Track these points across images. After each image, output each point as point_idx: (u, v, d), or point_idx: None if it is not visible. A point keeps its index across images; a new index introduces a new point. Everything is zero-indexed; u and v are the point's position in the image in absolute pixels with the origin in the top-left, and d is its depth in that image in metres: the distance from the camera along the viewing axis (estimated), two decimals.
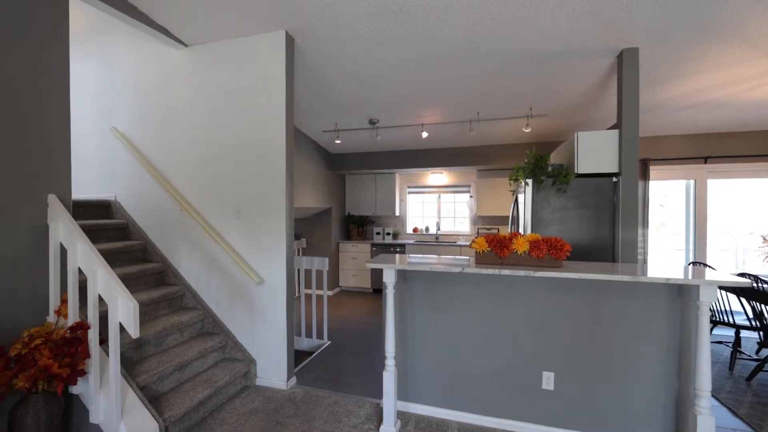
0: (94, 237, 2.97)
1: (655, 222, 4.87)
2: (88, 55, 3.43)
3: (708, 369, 1.86)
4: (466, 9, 2.43)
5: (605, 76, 3.24)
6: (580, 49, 2.86)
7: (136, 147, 3.21)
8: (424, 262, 2.29)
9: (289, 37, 2.80)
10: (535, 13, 2.45)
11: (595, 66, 3.09)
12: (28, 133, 2.00)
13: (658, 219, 4.93)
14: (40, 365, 1.79)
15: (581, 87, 3.45)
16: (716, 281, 1.80)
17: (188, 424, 2.30)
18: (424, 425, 2.36)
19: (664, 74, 3.17)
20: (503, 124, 4.32)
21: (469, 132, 4.13)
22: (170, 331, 2.67)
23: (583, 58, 3.00)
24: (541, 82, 3.38)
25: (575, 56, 2.97)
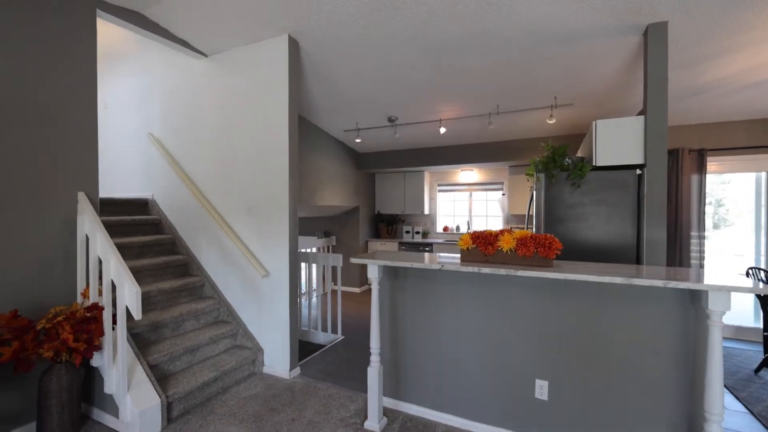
0: (132, 231, 3.37)
1: (715, 221, 4.25)
2: (130, 69, 3.90)
3: (719, 389, 1.62)
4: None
5: (633, 58, 2.92)
6: (599, 29, 2.61)
7: (168, 150, 3.57)
8: (405, 258, 2.27)
9: (293, 41, 2.93)
10: None
11: (619, 47, 2.80)
12: (63, 141, 2.34)
13: (720, 218, 4.29)
14: (62, 338, 2.09)
15: (607, 72, 3.14)
16: (727, 287, 1.55)
17: (192, 402, 2.51)
18: (411, 425, 2.33)
19: (705, 50, 2.77)
20: (529, 116, 4.07)
21: (488, 126, 3.96)
22: (187, 317, 2.94)
23: (604, 39, 2.73)
24: (561, 68, 3.14)
25: (595, 37, 2.71)
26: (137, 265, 3.00)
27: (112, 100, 4.07)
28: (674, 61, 2.93)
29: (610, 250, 2.72)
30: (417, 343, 2.46)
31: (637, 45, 2.78)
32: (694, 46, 2.75)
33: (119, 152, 3.97)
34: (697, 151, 3.91)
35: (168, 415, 2.34)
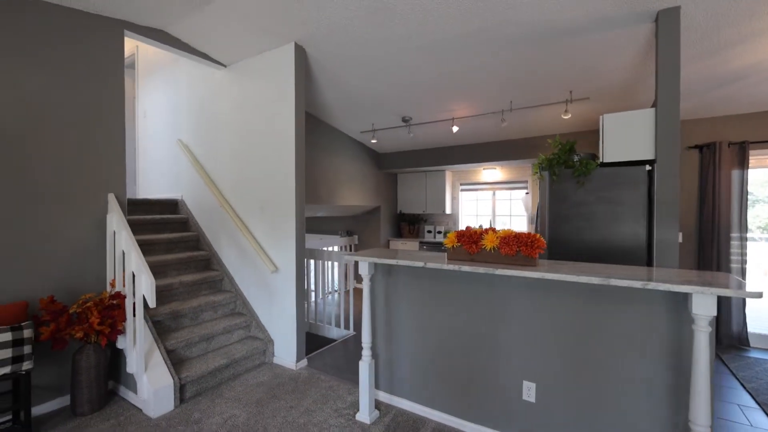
0: (162, 228, 3.72)
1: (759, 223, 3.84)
2: (163, 81, 4.29)
3: (706, 398, 1.53)
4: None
5: (649, 47, 2.75)
6: (610, 18, 2.49)
7: (194, 154, 3.90)
8: (393, 256, 2.33)
9: (299, 48, 3.09)
10: None
11: (632, 36, 2.66)
12: (95, 148, 2.67)
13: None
14: (90, 322, 2.39)
15: (622, 63, 2.98)
16: (712, 290, 1.46)
17: (204, 386, 2.75)
18: (401, 419, 2.39)
19: (732, 35, 2.56)
20: (549, 112, 3.94)
21: (501, 123, 3.88)
22: (205, 308, 3.21)
23: (616, 28, 2.60)
24: (573, 62, 3.03)
25: (606, 27, 2.59)
26: (164, 259, 3.32)
27: (150, 109, 4.51)
28: (697, 48, 2.74)
29: (618, 252, 2.59)
30: (410, 339, 2.51)
31: (651, 33, 2.62)
32: (717, 31, 2.54)
33: (155, 157, 4.40)
34: (737, 144, 3.57)
35: (181, 396, 2.59)
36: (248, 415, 2.43)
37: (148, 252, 3.38)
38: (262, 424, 2.34)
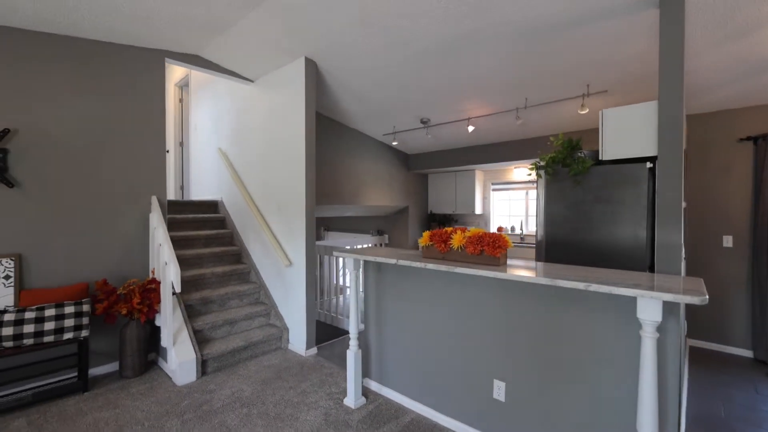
0: (203, 226, 4.29)
1: None
2: (208, 97, 4.90)
3: (651, 404, 1.49)
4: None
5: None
6: (613, 5, 2.38)
7: (230, 161, 4.42)
8: (373, 253, 2.50)
9: (309, 62, 3.39)
10: None
11: (643, 23, 2.50)
12: (141, 158, 3.23)
13: None
14: (132, 302, 2.92)
15: (638, 52, 2.79)
16: (652, 294, 1.42)
17: (224, 363, 3.16)
18: (384, 408, 2.55)
19: (753, 16, 2.30)
20: (569, 107, 3.78)
21: (516, 121, 3.80)
22: (232, 296, 3.66)
23: (623, 16, 2.47)
24: (587, 54, 2.90)
25: (611, 15, 2.47)
26: (202, 253, 3.85)
27: (199, 122, 5.18)
28: (720, 32, 2.49)
29: (617, 255, 2.46)
30: (395, 333, 2.66)
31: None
32: (738, 11, 2.30)
33: (202, 163, 5.04)
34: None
35: (203, 369, 3.03)
36: (253, 391, 2.77)
37: (189, 246, 3.94)
38: (261, 399, 2.66)
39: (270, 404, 2.59)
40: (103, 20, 2.72)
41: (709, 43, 2.63)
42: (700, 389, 2.86)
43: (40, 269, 2.76)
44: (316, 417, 2.44)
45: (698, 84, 3.17)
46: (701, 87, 3.24)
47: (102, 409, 2.50)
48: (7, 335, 2.46)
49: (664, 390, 1.65)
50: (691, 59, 2.81)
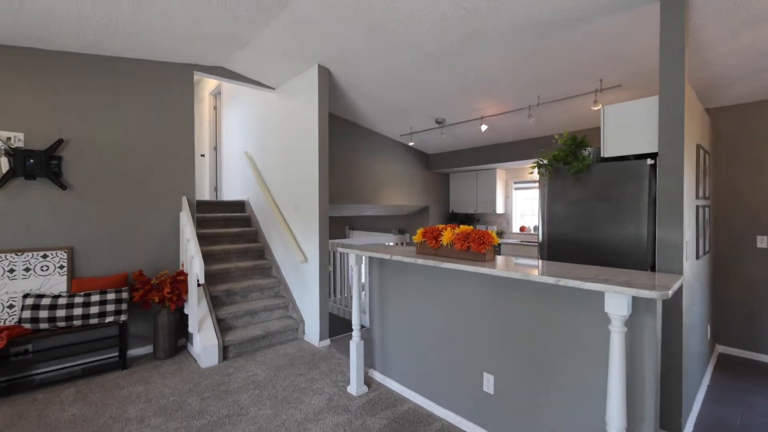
0: (230, 224, 4.65)
1: None
2: (237, 105, 5.28)
3: (619, 399, 1.52)
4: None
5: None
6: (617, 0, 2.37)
7: (254, 163, 4.75)
8: (373, 250, 2.65)
9: (322, 69, 3.60)
10: None
11: (653, 14, 2.46)
12: (173, 162, 3.60)
13: None
14: (164, 291, 3.28)
15: (648, 45, 2.73)
16: (620, 290, 1.46)
17: (243, 350, 3.46)
18: (383, 396, 2.70)
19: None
20: (585, 103, 3.71)
21: (528, 119, 3.78)
22: (253, 289, 3.96)
23: (631, 8, 2.43)
24: (595, 50, 2.87)
25: (617, 8, 2.45)
26: (228, 248, 4.19)
27: (229, 128, 5.59)
28: (738, 20, 2.39)
29: (619, 253, 2.44)
30: (396, 327, 2.79)
31: None
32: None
33: (232, 166, 5.44)
34: None
35: (224, 354, 3.33)
36: (266, 375, 3.02)
37: (217, 242, 4.31)
38: (273, 383, 2.90)
39: (280, 388, 2.82)
40: (140, 42, 3.09)
41: (726, 33, 2.52)
42: (720, 396, 2.74)
43: (88, 260, 3.19)
44: (319, 401, 2.64)
45: (725, 74, 3.02)
46: (729, 77, 3.08)
47: (136, 384, 2.86)
48: (60, 316, 2.88)
49: (641, 385, 1.66)
50: (708, 50, 2.70)
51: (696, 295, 2.56)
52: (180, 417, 2.43)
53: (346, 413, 2.49)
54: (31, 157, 2.89)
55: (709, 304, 3.14)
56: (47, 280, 2.99)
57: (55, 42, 2.95)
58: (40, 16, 2.55)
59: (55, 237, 3.05)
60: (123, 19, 2.69)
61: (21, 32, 2.74)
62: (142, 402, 2.61)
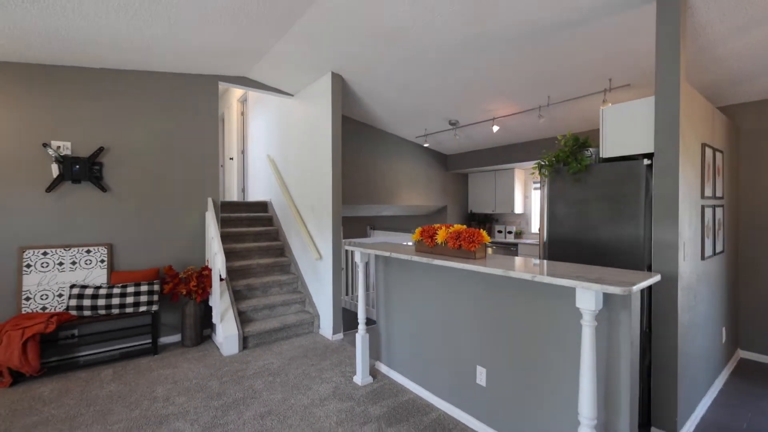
0: (254, 223, 4.98)
1: None
2: (261, 111, 5.62)
3: (590, 392, 1.62)
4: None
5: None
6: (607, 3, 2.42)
7: (276, 165, 5.05)
8: (378, 248, 2.82)
9: (335, 76, 3.82)
10: None
11: (651, 14, 2.49)
12: (199, 166, 3.94)
13: None
14: (190, 285, 3.61)
15: (653, 44, 2.74)
16: (583, 284, 1.56)
17: (262, 341, 3.73)
18: (387, 387, 2.87)
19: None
20: (594, 102, 3.70)
21: (539, 119, 3.81)
22: (273, 284, 4.25)
23: (626, 10, 2.47)
24: (603, 50, 2.90)
25: (609, 12, 2.50)
26: (251, 246, 4.50)
27: (255, 133, 5.94)
28: (743, 16, 2.37)
29: (617, 253, 2.48)
30: (400, 321, 2.95)
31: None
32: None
33: (257, 169, 5.78)
34: None
35: (244, 344, 3.62)
36: (280, 364, 3.27)
37: (240, 240, 4.64)
38: (286, 371, 3.14)
39: (291, 376, 3.06)
40: (169, 58, 3.43)
41: (733, 29, 2.50)
42: (731, 399, 2.70)
43: (125, 256, 3.57)
44: (326, 389, 2.85)
45: (742, 70, 2.95)
46: (746, 73, 3.00)
47: (165, 368, 3.19)
48: (101, 305, 3.26)
49: (616, 379, 1.74)
50: (719, 46, 2.68)
51: (700, 295, 2.54)
52: (200, 397, 2.71)
53: (350, 401, 2.68)
54: (77, 164, 3.30)
55: (725, 307, 3.07)
56: (90, 272, 3.39)
57: (97, 60, 3.34)
58: (84, 41, 2.92)
59: (96, 234, 3.45)
60: (155, 39, 3.01)
61: (68, 53, 3.13)
62: (169, 383, 2.92)
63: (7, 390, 2.83)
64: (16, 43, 2.86)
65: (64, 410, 2.55)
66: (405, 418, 2.46)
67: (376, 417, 2.47)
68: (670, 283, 2.22)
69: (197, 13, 2.67)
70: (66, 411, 2.54)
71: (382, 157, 5.37)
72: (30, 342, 2.89)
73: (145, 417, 2.47)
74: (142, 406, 2.60)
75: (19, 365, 2.84)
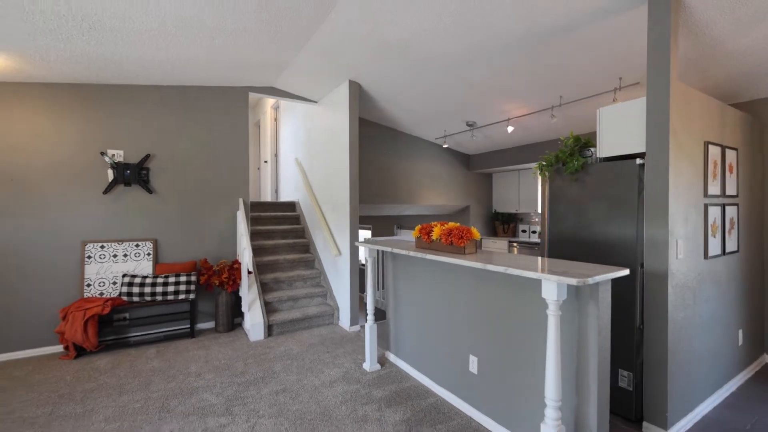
0: (282, 221, 5.41)
1: None
2: (290, 117, 6.05)
3: (555, 375, 1.79)
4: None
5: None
6: (604, 6, 2.52)
7: (302, 168, 5.45)
8: (384, 244, 3.07)
9: (353, 83, 4.12)
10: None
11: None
12: (231, 170, 4.41)
13: None
14: (222, 276, 4.06)
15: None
16: (546, 276, 1.73)
17: (285, 329, 4.11)
18: (393, 374, 3.12)
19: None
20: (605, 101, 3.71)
21: (551, 119, 3.86)
22: (297, 279, 4.63)
23: (623, 11, 2.55)
24: (608, 50, 2.96)
25: (605, 15, 2.59)
26: (279, 243, 4.92)
27: (286, 137, 6.40)
28: (745, 11, 2.37)
29: (612, 251, 2.56)
30: (405, 313, 3.19)
31: None
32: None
33: (287, 171, 6.23)
34: None
35: (269, 332, 4.02)
36: (299, 350, 3.62)
37: (269, 237, 5.07)
38: (303, 356, 3.48)
39: (307, 360, 3.39)
40: (205, 73, 3.90)
41: (736, 24, 2.49)
42: (741, 401, 2.67)
43: (167, 249, 4.09)
44: (336, 373, 3.14)
45: (758, 63, 2.89)
46: (764, 67, 2.93)
47: (199, 349, 3.65)
48: (147, 292, 3.78)
49: (585, 367, 1.87)
50: (727, 42, 2.66)
51: (703, 294, 2.55)
52: (226, 375, 3.11)
53: (356, 384, 2.96)
54: (128, 169, 3.85)
55: (744, 308, 3.00)
56: (139, 264, 3.93)
57: (142, 78, 3.87)
58: (135, 61, 3.43)
59: (144, 230, 3.99)
60: (193, 58, 3.47)
61: (118, 74, 3.67)
62: (201, 362, 3.36)
63: (72, 361, 3.39)
64: (78, 68, 3.42)
65: (115, 379, 3.04)
66: (404, 401, 2.70)
67: (378, 399, 2.73)
68: (660, 281, 2.28)
69: (226, 35, 3.07)
70: (117, 380, 3.03)
71: (403, 157, 5.61)
72: (90, 322, 3.44)
73: (180, 388, 2.89)
74: (178, 379, 3.04)
75: (81, 341, 3.40)
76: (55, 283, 3.62)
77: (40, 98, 3.57)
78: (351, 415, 2.52)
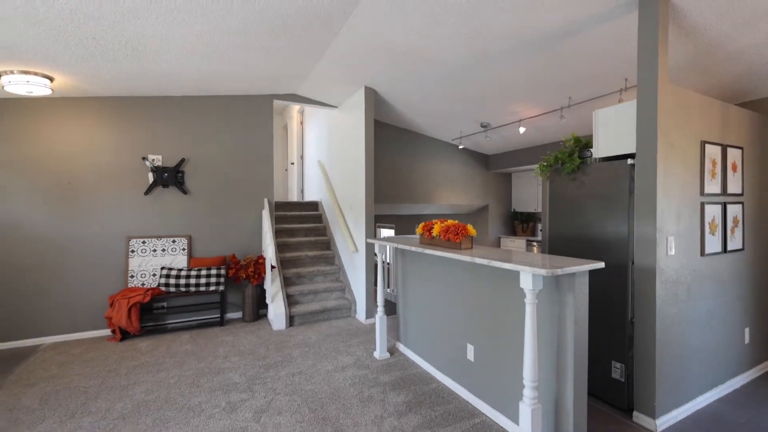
0: (305, 220, 5.78)
1: None
2: (313, 121, 6.43)
3: (532, 359, 1.98)
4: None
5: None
6: (598, 13, 2.66)
7: (324, 169, 5.80)
8: (393, 240, 3.33)
9: (369, 89, 4.41)
10: None
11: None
12: (257, 172, 4.82)
13: None
14: (248, 270, 4.47)
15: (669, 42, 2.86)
16: (520, 268, 1.93)
17: (306, 320, 4.46)
18: (400, 362, 3.37)
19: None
20: (613, 102, 3.78)
21: (561, 120, 3.97)
22: (318, 274, 4.97)
23: (627, 14, 2.67)
24: (615, 52, 3.08)
25: (620, 14, 2.71)
26: (301, 240, 5.30)
27: (310, 140, 6.78)
28: (741, 12, 2.45)
29: (606, 248, 2.69)
30: (412, 305, 3.43)
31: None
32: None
33: (311, 172, 6.61)
34: None
35: (290, 322, 4.38)
36: (316, 339, 3.95)
37: (293, 235, 5.45)
38: (319, 344, 3.81)
39: (323, 348, 3.71)
40: (233, 84, 4.32)
41: (733, 25, 2.56)
42: (741, 398, 2.72)
43: (200, 245, 4.55)
44: (348, 360, 3.44)
45: (763, 62, 2.92)
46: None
47: (227, 336, 4.06)
48: (182, 284, 4.23)
49: (564, 353, 2.05)
50: (726, 44, 2.72)
51: (700, 291, 2.63)
52: (249, 358, 3.48)
53: (366, 369, 3.24)
54: (165, 172, 4.32)
55: (751, 307, 3.02)
56: (175, 258, 4.41)
57: (177, 90, 4.34)
58: (168, 76, 3.88)
59: (179, 228, 4.46)
60: (222, 71, 3.88)
61: (156, 86, 4.15)
62: (228, 347, 3.75)
63: (118, 343, 3.89)
64: (122, 83, 3.91)
65: (154, 359, 3.49)
66: (408, 386, 2.95)
67: (383, 383, 3.00)
68: (648, 276, 2.41)
69: (252, 51, 3.44)
70: (156, 359, 3.47)
71: (420, 158, 5.84)
72: (133, 308, 3.93)
73: (209, 368, 3.29)
74: (207, 360, 3.44)
75: (126, 325, 3.89)
76: (104, 273, 4.14)
77: (93, 111, 4.11)
78: (357, 396, 2.81)
